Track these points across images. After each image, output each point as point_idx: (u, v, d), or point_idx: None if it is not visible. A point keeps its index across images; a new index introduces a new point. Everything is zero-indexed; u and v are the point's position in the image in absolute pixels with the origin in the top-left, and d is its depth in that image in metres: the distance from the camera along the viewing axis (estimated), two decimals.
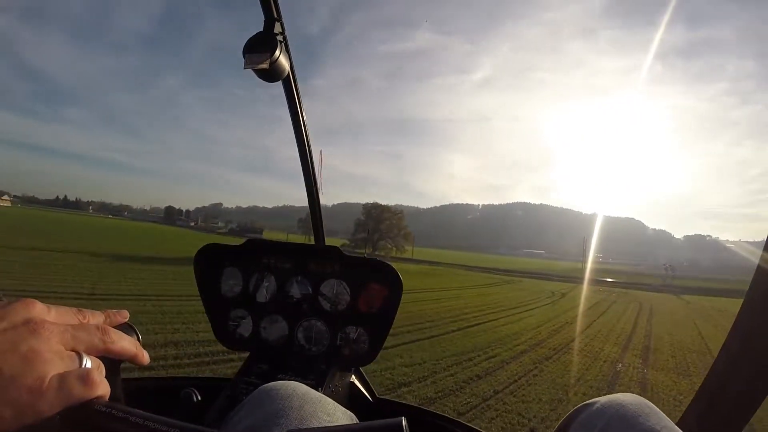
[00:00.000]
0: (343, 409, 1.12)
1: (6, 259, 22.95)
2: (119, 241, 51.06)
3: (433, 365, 10.67)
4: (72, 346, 0.66)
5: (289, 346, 1.99)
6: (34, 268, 20.69)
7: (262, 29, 1.71)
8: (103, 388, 0.66)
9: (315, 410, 1.01)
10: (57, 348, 0.63)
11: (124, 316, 0.82)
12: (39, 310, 0.66)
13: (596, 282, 57.67)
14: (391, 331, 1.90)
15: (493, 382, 9.81)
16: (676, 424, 1.03)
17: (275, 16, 1.70)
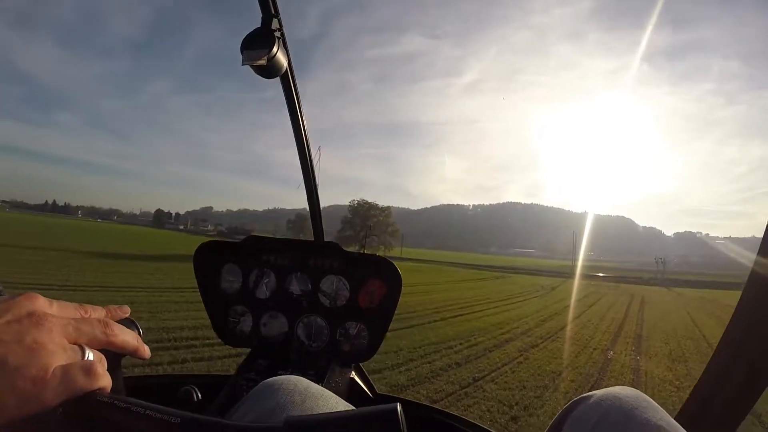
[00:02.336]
0: (345, 403, 1.08)
1: None
2: (102, 243, 50.64)
3: (410, 353, 10.21)
4: (75, 338, 0.67)
5: (289, 342, 1.99)
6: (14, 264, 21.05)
7: (259, 26, 1.68)
8: (105, 380, 0.67)
9: (317, 405, 1.00)
10: (60, 340, 0.64)
11: (125, 311, 0.82)
12: (42, 303, 0.66)
13: (587, 277, 58.22)
14: None
15: (473, 370, 9.35)
16: (675, 418, 1.01)
17: (273, 12, 1.68)
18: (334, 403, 1.04)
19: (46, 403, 0.59)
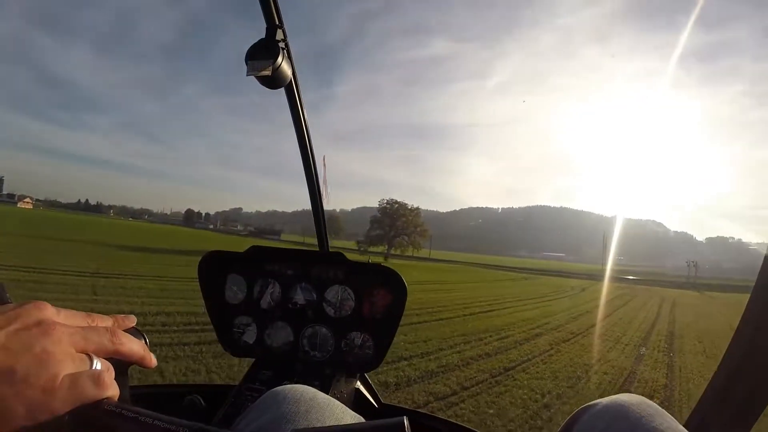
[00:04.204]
0: (352, 412, 1.10)
1: (19, 244, 24.84)
2: (133, 238, 51.63)
3: (439, 343, 10.17)
4: (82, 347, 0.67)
5: (293, 353, 1.99)
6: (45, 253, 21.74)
7: (264, 36, 1.70)
8: (113, 390, 0.68)
9: (322, 414, 1.00)
10: (68, 349, 0.64)
11: (132, 320, 0.82)
12: (50, 312, 0.67)
13: (617, 279, 57.40)
14: None
15: (503, 360, 9.29)
16: (683, 425, 1.00)
17: (277, 23, 1.69)
18: (340, 413, 1.05)
19: (55, 412, 0.59)
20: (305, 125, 2.22)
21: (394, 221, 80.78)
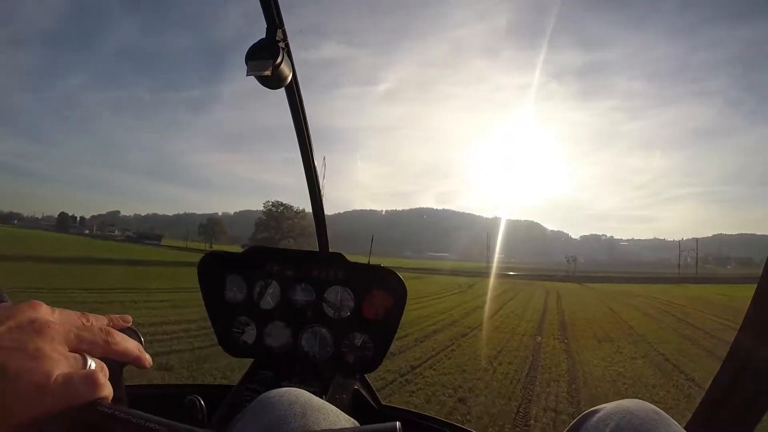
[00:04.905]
0: (346, 416, 1.10)
1: None
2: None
3: None
4: (76, 346, 0.67)
5: (293, 353, 2.02)
6: None
7: (264, 36, 1.69)
8: (106, 390, 0.67)
9: (317, 418, 1.01)
10: (62, 348, 0.64)
11: (127, 320, 0.83)
12: (44, 311, 0.68)
13: (501, 276, 59.74)
14: None
15: (408, 359, 9.25)
16: (684, 428, 1.03)
17: (277, 23, 1.69)
18: (334, 417, 1.05)
19: (47, 411, 0.59)
20: (305, 126, 2.22)
21: (279, 224, 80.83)
